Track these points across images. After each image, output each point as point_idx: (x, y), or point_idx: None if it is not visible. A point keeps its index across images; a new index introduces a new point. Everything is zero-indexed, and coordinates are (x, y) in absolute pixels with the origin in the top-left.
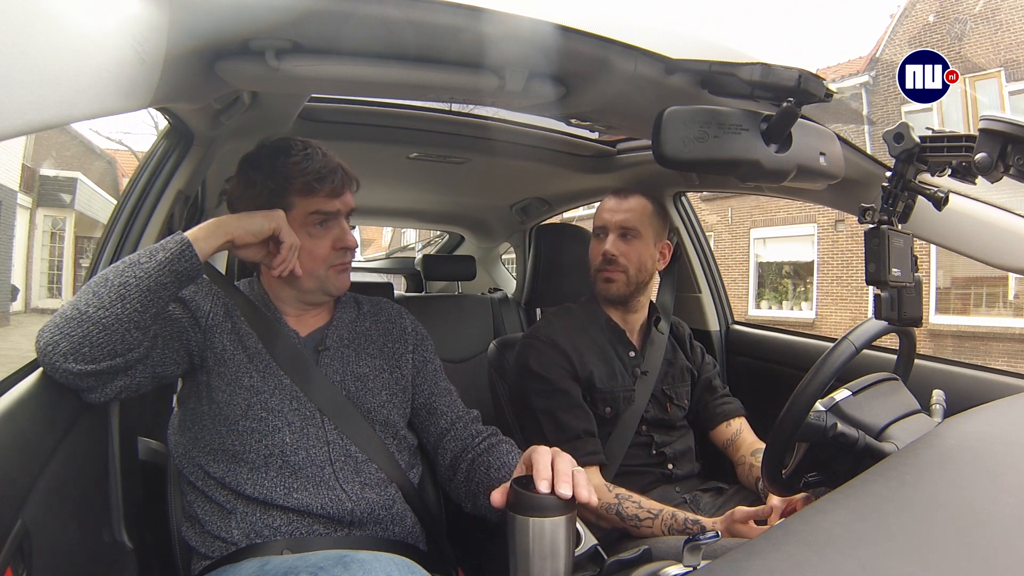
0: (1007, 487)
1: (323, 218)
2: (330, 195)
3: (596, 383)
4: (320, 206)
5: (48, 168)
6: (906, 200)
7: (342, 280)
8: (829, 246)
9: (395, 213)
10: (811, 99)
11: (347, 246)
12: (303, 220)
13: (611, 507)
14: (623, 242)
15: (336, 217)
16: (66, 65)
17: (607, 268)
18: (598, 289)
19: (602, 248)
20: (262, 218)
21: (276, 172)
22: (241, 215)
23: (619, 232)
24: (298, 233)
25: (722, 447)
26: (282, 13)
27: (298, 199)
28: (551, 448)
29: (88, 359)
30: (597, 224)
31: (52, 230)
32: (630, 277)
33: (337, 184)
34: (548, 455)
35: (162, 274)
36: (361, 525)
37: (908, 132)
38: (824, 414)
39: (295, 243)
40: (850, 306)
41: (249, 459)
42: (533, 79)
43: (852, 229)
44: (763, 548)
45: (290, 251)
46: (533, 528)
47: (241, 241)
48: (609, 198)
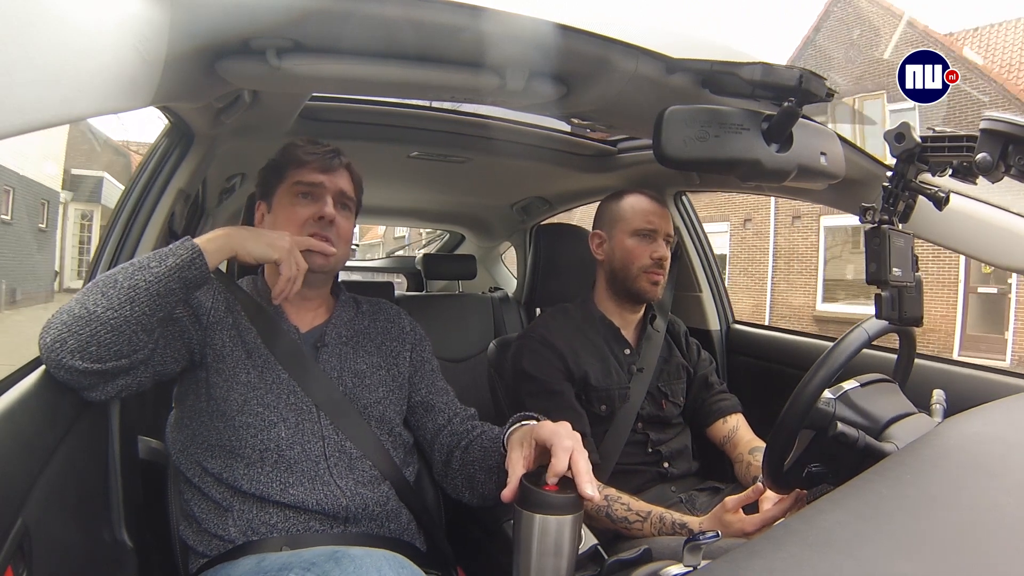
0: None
1: (306, 189)
2: (318, 169)
3: (591, 381)
4: (304, 176)
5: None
6: (907, 200)
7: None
8: (739, 242)
9: (396, 212)
10: (812, 99)
11: (322, 215)
12: (289, 190)
13: (600, 509)
14: (666, 247)
15: (320, 190)
16: (67, 64)
17: (658, 271)
18: (640, 288)
19: (653, 250)
20: (267, 246)
21: (281, 152)
22: (250, 233)
23: (665, 237)
24: (283, 202)
25: (719, 444)
26: (283, 12)
27: (291, 171)
28: (569, 433)
29: (94, 358)
30: (644, 226)
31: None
32: (665, 279)
33: (327, 161)
34: (568, 450)
35: (171, 280)
36: (356, 522)
37: (909, 132)
38: (833, 401)
39: (294, 275)
40: (754, 295)
41: (245, 454)
42: (534, 78)
43: (758, 228)
44: (763, 548)
45: (288, 283)
46: (540, 525)
47: (243, 259)
48: (647, 200)
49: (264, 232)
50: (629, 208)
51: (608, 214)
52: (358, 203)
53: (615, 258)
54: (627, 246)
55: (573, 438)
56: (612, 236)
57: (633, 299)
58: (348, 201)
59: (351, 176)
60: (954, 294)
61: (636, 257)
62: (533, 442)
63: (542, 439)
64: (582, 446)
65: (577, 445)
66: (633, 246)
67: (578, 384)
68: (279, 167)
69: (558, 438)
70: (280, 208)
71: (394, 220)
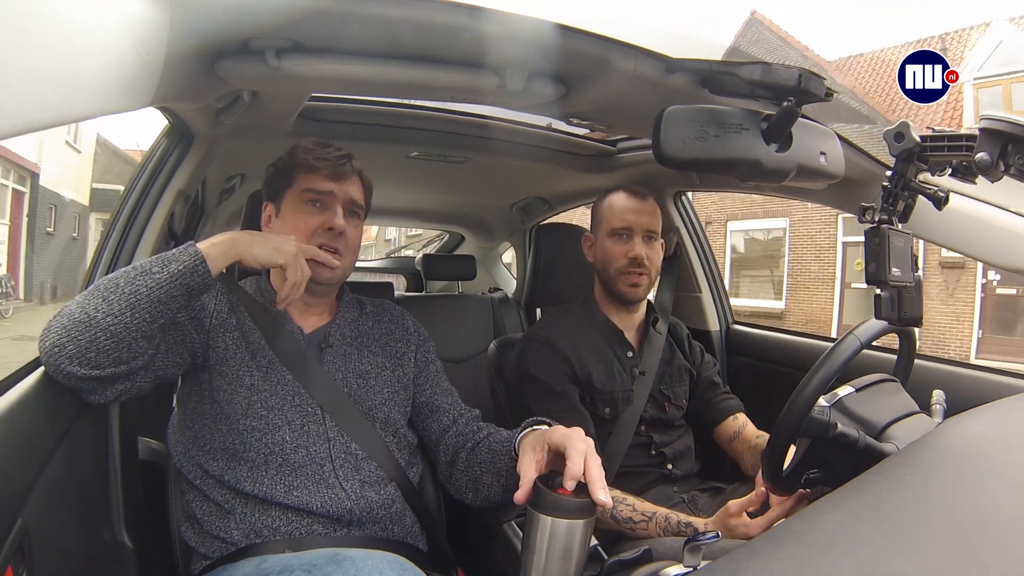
0: (1007, 487)
1: (315, 197)
2: (328, 177)
3: (595, 384)
4: (313, 184)
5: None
6: (906, 199)
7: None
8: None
9: (395, 212)
10: (811, 98)
11: (331, 227)
12: (298, 196)
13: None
14: (646, 244)
15: (329, 199)
16: (67, 64)
17: (635, 271)
18: (621, 291)
19: (628, 250)
20: (272, 251)
21: (290, 152)
22: (255, 238)
23: (644, 235)
24: (292, 208)
25: (727, 441)
26: (282, 13)
27: (300, 175)
28: (582, 437)
29: (93, 364)
30: (619, 225)
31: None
32: (651, 279)
33: (339, 168)
34: (582, 454)
35: (173, 286)
36: (360, 525)
37: (908, 131)
38: (827, 409)
39: (299, 280)
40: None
41: (249, 457)
42: (533, 78)
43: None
44: (763, 548)
45: (293, 289)
46: (553, 528)
47: (247, 265)
48: (624, 197)
49: (270, 237)
50: (607, 208)
51: (594, 216)
52: (367, 208)
53: (598, 260)
54: (606, 247)
55: (586, 443)
56: (597, 238)
57: (620, 302)
58: (358, 209)
59: (362, 182)
60: (832, 289)
61: (613, 258)
62: (546, 446)
63: (555, 443)
64: (595, 451)
65: (590, 450)
66: (610, 247)
67: (582, 386)
68: (288, 170)
69: (571, 442)
70: (288, 213)
71: (394, 220)
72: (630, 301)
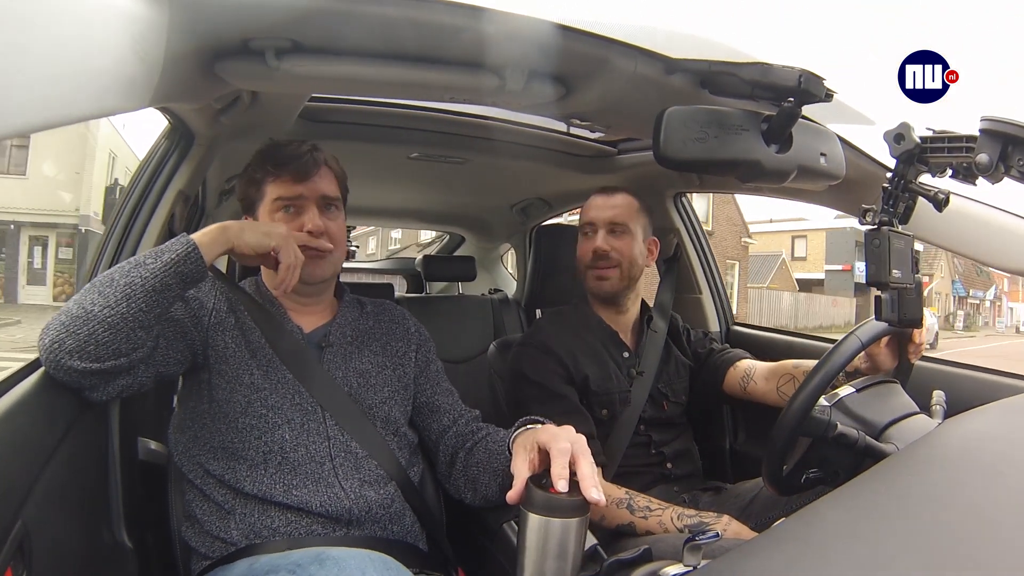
0: (1007, 487)
1: (286, 204)
2: (294, 179)
3: (591, 385)
4: (281, 192)
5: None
6: (907, 201)
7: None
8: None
9: (395, 213)
10: (812, 99)
11: (309, 230)
12: (270, 206)
13: (622, 501)
14: (613, 237)
15: (301, 202)
16: (65, 65)
17: (599, 265)
18: (589, 287)
19: (592, 245)
20: (263, 235)
21: (253, 162)
22: (246, 225)
23: (608, 228)
24: (267, 220)
25: (740, 391)
26: (282, 12)
27: (268, 185)
28: (571, 437)
29: (93, 357)
30: (585, 222)
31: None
32: (623, 272)
33: (300, 168)
34: (567, 454)
35: (167, 275)
36: (360, 524)
37: (909, 133)
38: (828, 409)
39: (293, 263)
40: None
41: (248, 456)
42: (533, 79)
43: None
44: (763, 548)
45: (288, 271)
46: (546, 527)
47: (240, 251)
48: (596, 196)
49: (259, 223)
50: (583, 209)
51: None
52: (344, 197)
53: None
54: (577, 247)
55: (573, 441)
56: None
57: (596, 299)
58: (333, 202)
59: (333, 172)
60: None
61: (581, 255)
62: (536, 446)
63: (541, 443)
64: (586, 449)
65: (579, 448)
66: (579, 245)
67: (579, 388)
68: (256, 181)
69: (555, 441)
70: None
71: (394, 221)
72: (599, 296)
